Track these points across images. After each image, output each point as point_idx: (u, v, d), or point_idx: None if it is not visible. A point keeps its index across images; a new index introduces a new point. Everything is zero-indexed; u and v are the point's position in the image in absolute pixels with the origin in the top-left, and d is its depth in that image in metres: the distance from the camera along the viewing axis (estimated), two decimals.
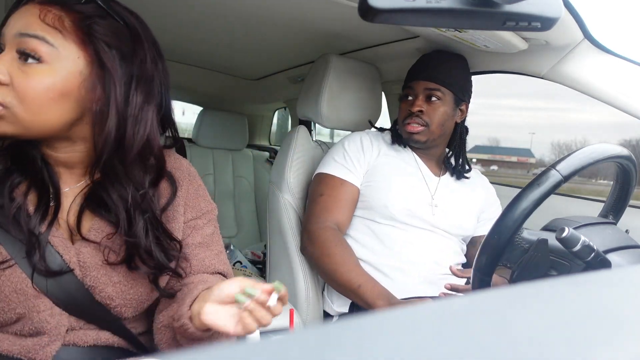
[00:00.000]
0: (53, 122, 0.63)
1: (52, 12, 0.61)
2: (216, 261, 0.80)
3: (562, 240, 0.66)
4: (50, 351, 0.68)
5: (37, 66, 0.60)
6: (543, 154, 46.35)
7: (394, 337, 0.19)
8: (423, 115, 1.19)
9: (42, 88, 0.60)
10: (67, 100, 0.62)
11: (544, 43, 1.09)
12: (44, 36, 0.60)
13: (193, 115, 2.59)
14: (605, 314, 0.23)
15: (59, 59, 0.61)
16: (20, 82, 0.60)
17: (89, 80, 0.63)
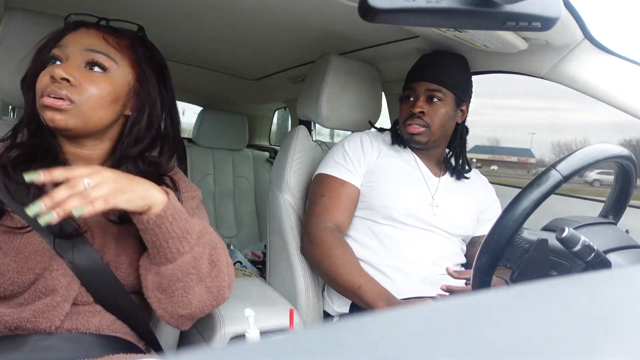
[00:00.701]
0: (104, 119, 0.79)
1: (112, 36, 0.81)
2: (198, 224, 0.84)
3: (562, 240, 0.66)
4: (60, 313, 0.74)
5: (101, 75, 0.78)
6: (543, 154, 46.45)
7: (394, 337, 0.19)
8: (424, 116, 1.19)
9: (104, 91, 0.77)
10: (117, 103, 0.80)
11: (544, 43, 1.09)
12: (108, 53, 0.79)
13: (193, 115, 2.59)
14: (605, 314, 0.23)
15: (117, 72, 0.79)
16: (88, 85, 0.76)
17: (133, 91, 0.82)
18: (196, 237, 0.76)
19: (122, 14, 1.35)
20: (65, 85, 0.74)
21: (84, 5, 1.28)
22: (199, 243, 0.76)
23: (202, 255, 0.76)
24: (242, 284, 1.36)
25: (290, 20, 1.29)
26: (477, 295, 0.25)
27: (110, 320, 0.78)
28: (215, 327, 1.06)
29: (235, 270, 1.80)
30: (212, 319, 1.08)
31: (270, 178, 1.37)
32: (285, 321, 1.12)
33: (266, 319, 1.11)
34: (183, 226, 0.73)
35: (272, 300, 1.23)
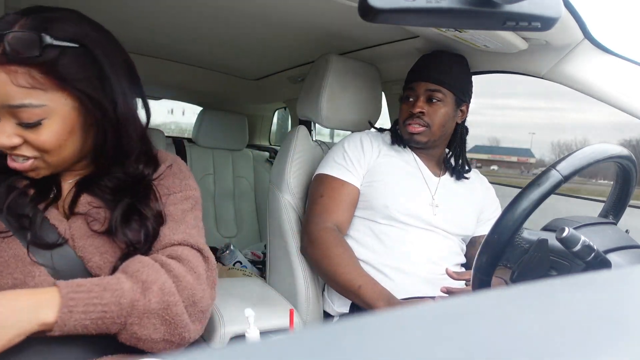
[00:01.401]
0: (73, 154, 0.73)
1: (19, 72, 0.63)
2: (182, 233, 0.79)
3: (562, 240, 0.66)
4: None
5: (40, 123, 0.67)
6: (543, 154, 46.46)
7: (394, 337, 0.19)
8: (424, 117, 1.19)
9: (54, 136, 0.68)
10: (76, 134, 0.71)
11: (544, 43, 1.09)
12: (30, 103, 0.65)
13: (193, 115, 2.59)
14: (605, 314, 0.23)
15: (53, 111, 0.67)
16: (34, 139, 0.67)
17: (84, 110, 0.70)
18: (125, 315, 0.66)
19: (121, 15, 1.35)
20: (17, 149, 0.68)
21: (82, 7, 1.28)
22: (130, 318, 0.67)
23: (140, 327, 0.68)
24: (242, 284, 1.36)
25: (290, 20, 1.29)
26: (477, 295, 0.25)
27: None
28: (215, 327, 1.06)
29: (235, 271, 1.81)
30: (212, 319, 1.08)
31: (270, 178, 1.37)
32: (285, 321, 1.12)
33: (266, 319, 1.11)
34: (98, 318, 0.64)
35: (272, 300, 1.23)
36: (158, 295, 0.69)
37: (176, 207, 0.82)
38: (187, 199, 0.85)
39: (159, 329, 0.69)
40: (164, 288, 0.70)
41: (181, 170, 0.88)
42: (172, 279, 0.71)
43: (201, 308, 0.74)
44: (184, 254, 0.76)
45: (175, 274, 0.72)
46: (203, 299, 0.74)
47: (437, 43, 1.25)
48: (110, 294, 0.66)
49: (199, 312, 0.74)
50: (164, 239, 0.77)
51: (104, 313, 0.65)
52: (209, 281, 0.77)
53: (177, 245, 0.77)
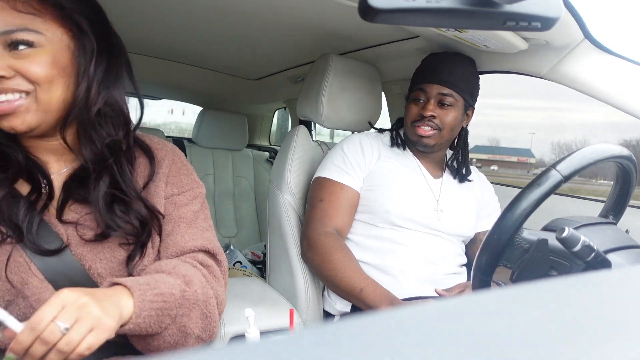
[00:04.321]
0: (61, 98, 0.68)
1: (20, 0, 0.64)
2: (199, 238, 0.79)
3: (562, 240, 0.66)
4: None
5: (32, 50, 0.65)
6: (543, 154, 46.51)
7: (394, 337, 0.19)
8: (435, 120, 1.17)
9: (47, 66, 0.65)
10: (66, 74, 0.68)
11: (544, 43, 1.09)
12: (26, 26, 0.64)
13: (193, 115, 2.59)
14: (605, 314, 0.23)
15: (48, 40, 0.66)
16: (25, 68, 0.64)
17: (76, 53, 0.69)
18: (177, 306, 0.67)
19: (121, 15, 1.35)
20: (2, 81, 0.64)
21: None
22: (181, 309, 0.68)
23: (189, 320, 0.69)
24: (242, 284, 1.36)
25: (290, 20, 1.29)
26: (477, 295, 0.25)
27: None
28: None
29: (235, 271, 1.81)
30: None
31: (270, 178, 1.37)
32: (285, 321, 1.12)
33: (266, 319, 1.11)
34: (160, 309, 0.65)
35: (272, 300, 1.23)
36: (200, 288, 0.71)
37: (187, 209, 0.81)
38: (196, 197, 0.84)
39: (199, 324, 0.71)
40: (202, 282, 0.73)
41: (184, 164, 0.86)
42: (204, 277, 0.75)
43: (222, 310, 0.78)
44: (204, 260, 0.78)
45: (203, 273, 0.75)
46: (224, 301, 0.79)
47: (437, 43, 1.25)
48: (164, 285, 0.67)
49: (220, 313, 0.77)
50: (183, 246, 0.78)
51: (164, 303, 0.65)
52: (225, 285, 0.81)
53: (195, 252, 0.78)
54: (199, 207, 0.84)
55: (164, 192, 0.81)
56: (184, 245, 0.78)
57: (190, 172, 0.86)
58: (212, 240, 0.82)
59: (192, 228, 0.80)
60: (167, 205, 0.80)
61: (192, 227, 0.80)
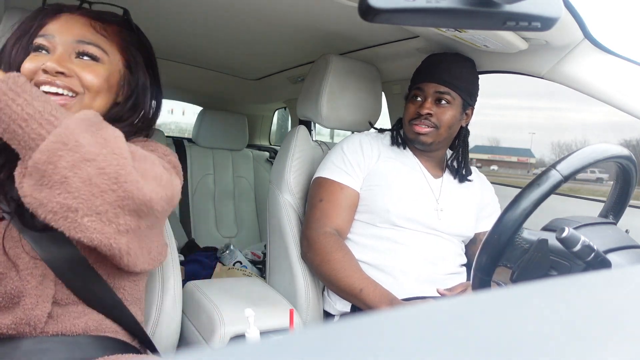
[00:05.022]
0: (101, 108, 0.79)
1: (100, 24, 0.79)
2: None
3: (562, 240, 0.66)
4: (40, 314, 0.70)
5: (95, 63, 0.77)
6: (543, 154, 46.45)
7: (394, 337, 0.19)
8: (432, 118, 1.17)
9: (101, 79, 0.77)
10: (112, 91, 0.81)
11: (544, 43, 1.09)
12: (99, 44, 0.78)
13: (193, 115, 2.59)
14: (605, 314, 0.23)
15: (109, 60, 0.79)
16: (84, 73, 0.76)
17: (124, 78, 0.82)
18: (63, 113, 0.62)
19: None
20: (61, 77, 0.73)
21: None
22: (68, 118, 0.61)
23: (77, 127, 0.59)
24: (242, 284, 1.36)
25: (290, 20, 1.29)
26: (477, 295, 0.25)
27: (98, 321, 0.75)
28: (215, 327, 1.06)
29: (235, 271, 1.81)
30: (212, 319, 1.08)
31: (270, 178, 1.37)
32: (285, 321, 1.12)
33: (266, 319, 1.11)
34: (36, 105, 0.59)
35: (272, 300, 1.23)
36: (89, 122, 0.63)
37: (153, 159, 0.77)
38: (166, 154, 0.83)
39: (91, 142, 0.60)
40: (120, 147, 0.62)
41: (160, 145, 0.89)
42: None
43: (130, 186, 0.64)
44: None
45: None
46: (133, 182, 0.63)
47: (437, 43, 1.25)
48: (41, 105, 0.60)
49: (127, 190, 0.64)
50: None
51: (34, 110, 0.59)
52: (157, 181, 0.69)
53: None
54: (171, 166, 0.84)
55: None
56: None
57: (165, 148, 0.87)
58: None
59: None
60: None
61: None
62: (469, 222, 1.24)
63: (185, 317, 1.18)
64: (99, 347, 0.74)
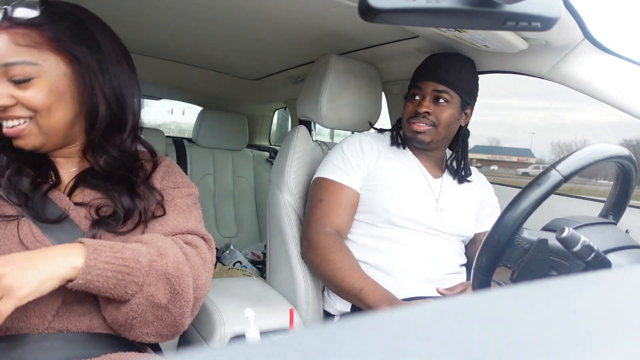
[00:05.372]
0: (63, 120, 0.74)
1: (19, 33, 0.70)
2: (191, 222, 0.83)
3: (562, 240, 0.66)
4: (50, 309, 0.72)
5: (31, 82, 0.70)
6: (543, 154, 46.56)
7: (394, 337, 0.19)
8: (430, 116, 1.18)
9: (43, 94, 0.71)
10: (65, 100, 0.74)
11: (544, 43, 1.09)
12: (25, 59, 0.70)
13: (193, 115, 2.59)
14: (605, 314, 0.23)
15: (43, 70, 0.71)
16: (25, 98, 0.70)
17: (74, 77, 0.74)
18: (144, 274, 0.69)
19: (121, 15, 1.35)
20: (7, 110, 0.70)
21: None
22: (148, 278, 0.70)
23: (156, 290, 0.70)
24: (242, 284, 1.36)
25: (290, 20, 1.29)
26: (477, 295, 0.25)
27: (102, 319, 0.76)
28: (215, 327, 1.06)
29: (235, 271, 1.81)
30: (212, 319, 1.08)
31: (270, 178, 1.37)
32: (285, 321, 1.12)
33: (266, 319, 1.11)
34: (119, 272, 0.67)
35: (272, 300, 1.23)
36: (173, 262, 0.72)
37: (183, 201, 0.86)
38: (190, 195, 0.89)
39: (167, 296, 0.71)
40: (178, 258, 0.73)
41: (179, 170, 0.93)
42: (184, 256, 0.75)
43: (201, 294, 0.77)
44: (194, 240, 0.80)
45: (185, 251, 0.76)
46: (205, 286, 0.77)
47: (437, 43, 1.25)
48: (130, 251, 0.69)
49: (199, 298, 0.77)
50: (176, 226, 0.81)
51: (124, 267, 0.67)
52: (211, 270, 0.81)
53: (187, 234, 0.81)
54: (193, 203, 0.88)
55: (160, 185, 0.86)
56: (175, 226, 0.81)
57: (184, 176, 0.91)
58: (203, 228, 0.85)
59: (184, 216, 0.83)
60: (165, 197, 0.85)
61: (184, 215, 0.84)
62: (469, 222, 1.24)
63: None
64: (102, 344, 0.75)
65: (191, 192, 0.89)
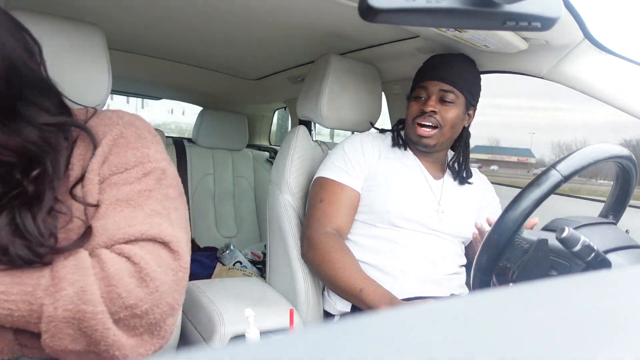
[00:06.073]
0: None
1: None
2: (144, 225, 0.61)
3: (562, 240, 0.66)
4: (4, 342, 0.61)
5: None
6: (543, 154, 46.43)
7: (394, 337, 0.19)
8: (436, 115, 1.17)
9: None
10: None
11: (544, 43, 1.09)
12: None
13: (193, 115, 2.59)
14: (605, 314, 0.23)
15: None
16: None
17: None
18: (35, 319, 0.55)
19: (121, 15, 1.35)
20: None
21: (82, 7, 1.28)
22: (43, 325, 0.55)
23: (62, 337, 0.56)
24: (242, 284, 1.36)
25: (290, 20, 1.29)
26: (477, 295, 0.25)
27: None
28: (215, 327, 1.06)
29: (235, 271, 1.81)
30: (212, 319, 1.08)
31: (270, 178, 1.37)
32: (285, 321, 1.12)
33: (266, 319, 1.11)
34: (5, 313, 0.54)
35: (272, 300, 1.23)
36: (70, 302, 0.55)
37: (129, 189, 0.64)
38: (147, 174, 0.66)
39: (79, 340, 0.56)
40: (82, 294, 0.55)
41: (139, 137, 0.69)
42: (103, 283, 0.56)
43: (151, 320, 0.59)
44: (137, 254, 0.59)
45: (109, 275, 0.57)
46: (154, 309, 0.59)
47: (437, 43, 1.25)
48: (19, 289, 0.54)
49: (148, 325, 0.59)
50: (113, 234, 0.60)
51: (10, 310, 0.54)
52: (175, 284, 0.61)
53: (131, 242, 0.60)
54: (152, 185, 0.65)
55: (99, 176, 0.65)
56: (113, 235, 0.60)
57: (144, 145, 0.68)
58: (159, 225, 0.62)
59: (134, 211, 0.62)
60: (104, 189, 0.64)
61: (131, 212, 0.62)
62: (470, 223, 1.24)
63: (185, 317, 1.18)
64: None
65: (148, 170, 0.66)
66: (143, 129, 0.71)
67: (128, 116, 0.71)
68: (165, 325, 0.61)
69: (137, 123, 0.71)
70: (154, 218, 0.62)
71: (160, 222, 0.62)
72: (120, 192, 0.64)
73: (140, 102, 3.87)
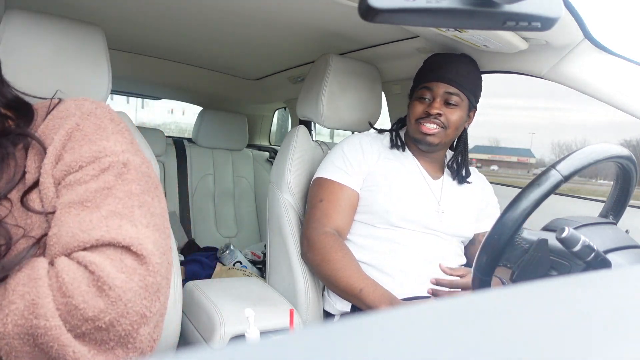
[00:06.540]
0: None
1: None
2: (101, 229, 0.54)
3: (562, 240, 0.66)
4: None
5: None
6: (543, 154, 46.41)
7: (394, 337, 0.19)
8: (441, 118, 1.17)
9: None
10: None
11: (544, 43, 1.09)
12: None
13: (193, 115, 2.59)
14: (605, 314, 0.23)
15: None
16: None
17: None
18: None
19: (121, 15, 1.35)
20: None
21: (82, 7, 1.28)
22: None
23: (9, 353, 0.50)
24: (242, 284, 1.36)
25: (290, 20, 1.29)
26: (477, 295, 0.25)
27: None
28: (215, 327, 1.06)
29: (235, 271, 1.81)
30: (212, 319, 1.08)
31: (270, 178, 1.37)
32: (285, 321, 1.12)
33: (266, 319, 1.11)
34: None
35: (272, 300, 1.23)
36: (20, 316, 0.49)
37: (87, 188, 0.57)
38: (104, 170, 0.58)
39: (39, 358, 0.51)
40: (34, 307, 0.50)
41: (99, 128, 0.61)
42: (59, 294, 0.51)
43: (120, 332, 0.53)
44: (94, 261, 0.52)
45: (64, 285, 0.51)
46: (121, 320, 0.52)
47: (437, 43, 1.25)
48: None
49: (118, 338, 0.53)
50: (71, 241, 0.54)
51: None
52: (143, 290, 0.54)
53: (90, 249, 0.54)
54: (111, 182, 0.58)
55: (53, 178, 0.58)
56: (70, 242, 0.54)
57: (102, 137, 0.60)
58: (118, 227, 0.55)
59: (88, 214, 0.55)
60: (60, 192, 0.58)
61: (88, 213, 0.55)
62: (469, 223, 1.24)
63: (185, 317, 1.18)
64: None
65: (105, 165, 0.58)
66: (104, 118, 0.62)
67: (88, 104, 0.63)
68: (138, 335, 0.54)
69: (97, 112, 0.62)
70: (113, 220, 0.55)
71: (120, 224, 0.55)
72: (74, 193, 0.56)
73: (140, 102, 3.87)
